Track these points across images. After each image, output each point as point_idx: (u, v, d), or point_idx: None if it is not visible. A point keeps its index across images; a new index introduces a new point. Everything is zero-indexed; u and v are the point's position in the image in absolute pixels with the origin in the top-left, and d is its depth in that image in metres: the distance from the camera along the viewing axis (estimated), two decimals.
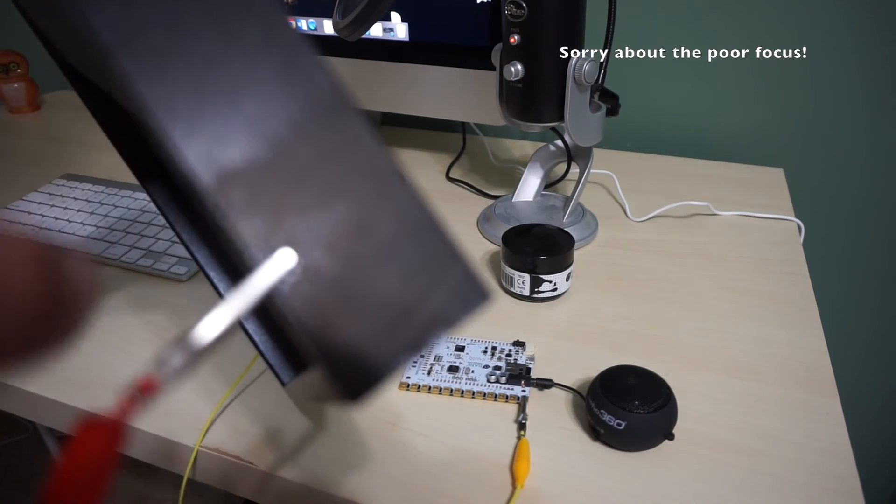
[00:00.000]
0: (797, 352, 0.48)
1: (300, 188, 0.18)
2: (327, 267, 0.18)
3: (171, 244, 0.63)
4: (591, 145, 0.62)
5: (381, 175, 0.19)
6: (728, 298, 0.55)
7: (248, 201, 0.18)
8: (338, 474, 0.39)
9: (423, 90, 0.75)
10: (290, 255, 0.18)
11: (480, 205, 0.73)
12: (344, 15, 0.54)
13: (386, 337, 0.18)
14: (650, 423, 0.38)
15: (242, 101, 0.18)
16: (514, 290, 0.55)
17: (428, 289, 0.18)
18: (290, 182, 0.18)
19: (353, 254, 0.18)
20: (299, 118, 0.18)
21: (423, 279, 0.18)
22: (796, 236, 0.64)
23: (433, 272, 0.19)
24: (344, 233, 0.18)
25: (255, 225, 0.17)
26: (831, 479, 0.37)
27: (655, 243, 0.64)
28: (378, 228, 0.18)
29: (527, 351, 0.48)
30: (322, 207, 0.18)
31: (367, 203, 0.18)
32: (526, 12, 0.53)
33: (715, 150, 0.88)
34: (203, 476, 0.42)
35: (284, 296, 0.17)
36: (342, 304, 0.18)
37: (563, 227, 0.63)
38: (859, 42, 0.75)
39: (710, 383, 0.45)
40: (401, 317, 0.18)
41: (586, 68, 0.55)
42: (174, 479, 1.43)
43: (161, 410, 0.44)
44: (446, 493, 0.37)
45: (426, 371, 0.46)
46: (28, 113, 1.08)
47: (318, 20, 0.78)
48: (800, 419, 0.42)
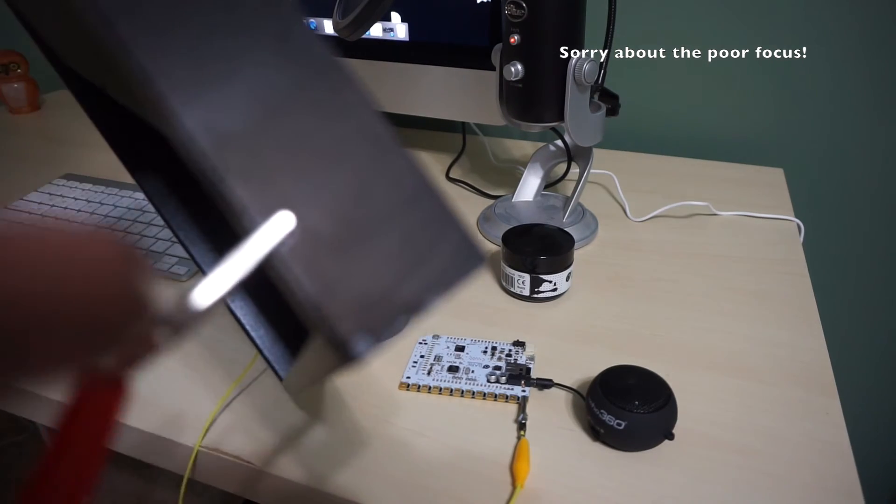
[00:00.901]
0: (797, 352, 0.48)
1: (298, 152, 0.18)
2: (326, 229, 0.18)
3: (171, 244, 0.63)
4: (591, 145, 0.62)
5: (379, 140, 0.19)
6: (728, 298, 0.55)
7: (245, 164, 0.18)
8: (338, 474, 0.39)
9: (423, 90, 0.75)
10: (288, 218, 0.18)
11: (480, 205, 0.73)
12: (344, 15, 0.54)
13: (385, 298, 0.18)
14: (650, 423, 0.38)
15: (240, 67, 0.18)
16: (514, 290, 0.55)
17: (426, 252, 0.19)
18: (287, 146, 0.18)
19: (351, 217, 0.18)
20: (297, 83, 0.18)
21: (422, 242, 0.19)
22: (796, 236, 0.64)
23: (431, 236, 0.19)
24: (342, 196, 0.18)
25: (253, 187, 0.17)
26: (831, 479, 0.37)
27: (655, 243, 0.64)
28: (376, 192, 0.18)
29: (527, 351, 0.48)
30: (320, 171, 0.18)
31: (366, 167, 0.18)
32: (526, 12, 0.53)
33: (715, 150, 0.88)
34: (203, 476, 0.42)
35: (283, 258, 0.17)
36: (341, 267, 0.18)
37: (563, 227, 0.63)
38: (859, 42, 0.75)
39: (709, 383, 0.45)
40: (400, 279, 0.18)
41: (586, 68, 0.55)
42: (174, 479, 1.43)
43: (161, 410, 0.44)
44: (446, 493, 0.37)
45: (426, 371, 0.46)
46: (28, 113, 1.08)
47: (318, 20, 0.78)
48: (800, 419, 0.42)
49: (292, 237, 0.18)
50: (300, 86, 0.18)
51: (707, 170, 0.81)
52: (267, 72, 0.18)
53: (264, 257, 0.18)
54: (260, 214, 0.17)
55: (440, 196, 0.19)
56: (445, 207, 0.19)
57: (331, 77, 0.19)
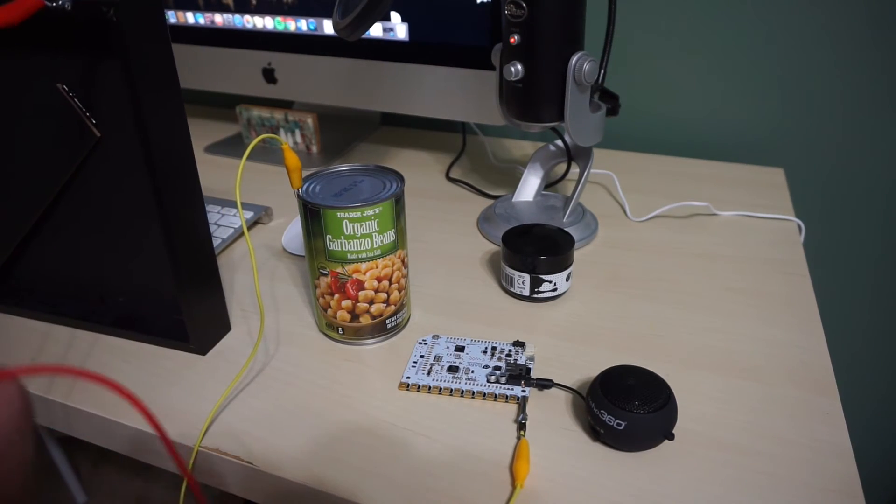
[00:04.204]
0: (797, 352, 0.48)
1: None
2: None
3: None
4: (591, 145, 0.62)
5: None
6: (728, 298, 0.55)
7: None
8: (338, 474, 0.39)
9: (423, 90, 0.75)
10: None
11: (480, 205, 0.73)
12: (344, 15, 0.54)
13: None
14: (650, 423, 0.38)
15: None
16: (514, 290, 0.55)
17: None
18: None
19: None
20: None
21: None
22: (796, 236, 0.64)
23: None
24: None
25: None
26: (831, 479, 0.37)
27: (655, 243, 0.64)
28: None
29: (527, 351, 0.48)
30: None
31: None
32: (526, 12, 0.53)
33: (715, 150, 0.88)
34: (203, 476, 0.42)
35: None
36: None
37: (563, 227, 0.63)
38: (859, 42, 0.75)
39: (710, 383, 0.45)
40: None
41: (586, 68, 0.55)
42: (174, 479, 1.43)
43: (161, 410, 0.44)
44: (446, 493, 0.37)
45: (426, 371, 0.46)
46: None
47: (318, 20, 0.78)
48: (800, 419, 0.42)
49: None
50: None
51: (707, 170, 0.81)
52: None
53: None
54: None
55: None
56: None
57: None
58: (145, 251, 0.48)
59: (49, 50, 0.42)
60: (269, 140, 0.91)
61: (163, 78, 0.41)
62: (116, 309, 0.53)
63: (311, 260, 0.47)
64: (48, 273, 0.53)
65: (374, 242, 0.45)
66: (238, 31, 0.84)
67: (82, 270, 0.52)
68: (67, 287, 0.54)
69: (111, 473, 1.47)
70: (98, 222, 0.49)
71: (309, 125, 0.86)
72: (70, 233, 0.50)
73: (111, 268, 0.51)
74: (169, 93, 0.41)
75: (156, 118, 0.41)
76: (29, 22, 0.41)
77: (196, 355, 0.49)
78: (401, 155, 0.89)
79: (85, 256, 0.51)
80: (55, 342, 0.51)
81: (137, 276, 0.50)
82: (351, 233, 0.45)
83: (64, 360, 0.49)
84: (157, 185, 0.42)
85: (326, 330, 0.50)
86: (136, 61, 0.38)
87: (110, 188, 0.46)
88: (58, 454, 1.41)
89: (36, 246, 0.52)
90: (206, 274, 0.48)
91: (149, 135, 0.40)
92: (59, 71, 0.42)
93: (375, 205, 0.44)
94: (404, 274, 0.50)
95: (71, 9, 0.37)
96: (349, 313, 0.48)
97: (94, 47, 0.40)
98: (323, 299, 0.48)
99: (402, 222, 0.48)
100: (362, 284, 0.47)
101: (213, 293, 0.49)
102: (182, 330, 0.49)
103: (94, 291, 0.53)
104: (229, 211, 0.69)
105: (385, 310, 0.49)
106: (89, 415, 0.45)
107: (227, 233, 0.65)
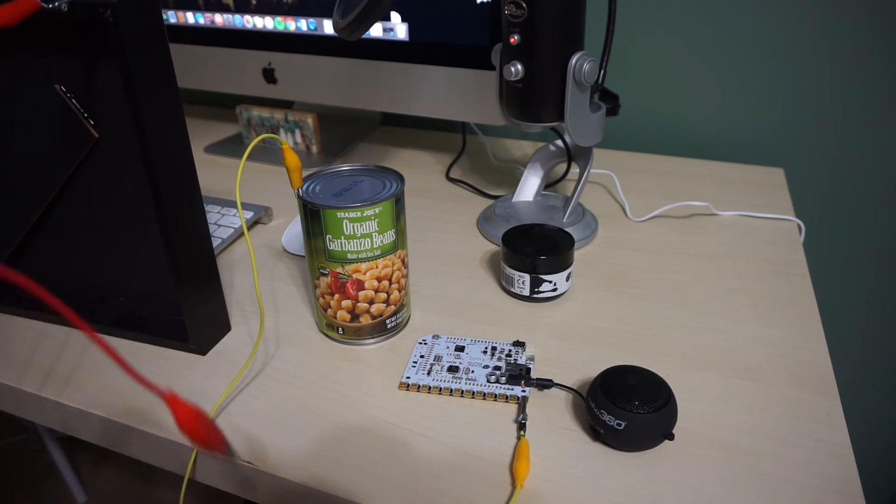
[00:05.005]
0: (797, 352, 0.48)
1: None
2: None
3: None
4: (591, 145, 0.62)
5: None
6: (728, 298, 0.55)
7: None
8: (338, 474, 0.39)
9: (423, 90, 0.75)
10: None
11: (480, 205, 0.73)
12: (344, 15, 0.54)
13: None
14: (650, 423, 0.38)
15: None
16: (514, 290, 0.55)
17: None
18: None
19: None
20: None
21: None
22: (796, 236, 0.64)
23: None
24: None
25: None
26: (831, 479, 0.37)
27: (655, 243, 0.64)
28: None
29: (527, 351, 0.48)
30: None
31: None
32: (526, 12, 0.53)
33: (715, 150, 0.88)
34: (203, 476, 0.42)
35: None
36: None
37: (563, 227, 0.63)
38: (859, 42, 0.75)
39: (710, 383, 0.45)
40: None
41: (586, 68, 0.55)
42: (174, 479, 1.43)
43: (161, 410, 0.44)
44: (446, 493, 0.37)
45: (426, 371, 0.46)
46: None
47: (318, 20, 0.78)
48: (800, 419, 0.42)
49: None
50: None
51: (707, 170, 0.81)
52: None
53: None
54: None
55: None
56: None
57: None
58: (145, 251, 0.48)
59: (46, 51, 0.42)
60: (269, 140, 0.91)
61: (160, 78, 0.41)
62: (116, 309, 0.53)
63: (311, 260, 0.47)
64: (47, 273, 0.53)
65: (374, 242, 0.45)
66: (238, 31, 0.84)
67: (82, 271, 0.52)
68: (67, 287, 0.54)
69: (111, 473, 1.47)
70: (97, 222, 0.48)
71: (309, 125, 0.86)
72: (69, 233, 0.50)
73: (111, 268, 0.51)
74: (167, 93, 0.41)
75: (154, 118, 0.41)
76: (25, 23, 0.41)
77: (196, 355, 0.49)
78: (401, 155, 0.89)
79: (84, 257, 0.51)
80: (53, 341, 0.51)
81: (137, 277, 0.50)
82: (351, 233, 0.45)
83: (61, 360, 0.49)
84: (155, 185, 0.42)
85: (326, 330, 0.50)
86: (133, 62, 0.38)
87: (109, 188, 0.46)
88: (58, 454, 1.41)
89: (35, 246, 0.52)
90: (206, 274, 0.48)
91: (147, 135, 0.40)
92: (56, 72, 0.42)
93: (375, 205, 0.44)
94: (404, 274, 0.50)
95: (67, 10, 0.37)
96: (349, 313, 0.48)
97: (92, 48, 0.40)
98: (323, 299, 0.48)
99: (402, 222, 0.48)
100: (362, 284, 0.47)
101: (213, 293, 0.49)
102: (182, 330, 0.49)
103: (93, 291, 0.53)
104: (229, 211, 0.69)
105: (385, 310, 0.49)
106: (88, 414, 0.45)
107: (227, 233, 0.65)
